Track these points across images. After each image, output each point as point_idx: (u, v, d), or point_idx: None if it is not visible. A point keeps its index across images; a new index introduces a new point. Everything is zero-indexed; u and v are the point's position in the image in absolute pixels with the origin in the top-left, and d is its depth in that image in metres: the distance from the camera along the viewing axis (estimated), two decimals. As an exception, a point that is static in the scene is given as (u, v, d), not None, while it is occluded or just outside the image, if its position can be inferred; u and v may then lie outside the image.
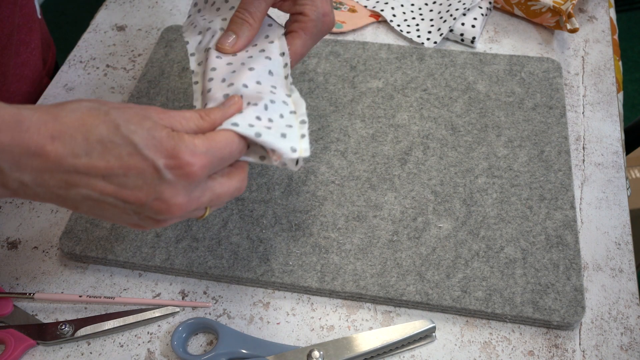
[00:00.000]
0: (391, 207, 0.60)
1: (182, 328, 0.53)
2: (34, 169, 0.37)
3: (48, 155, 0.36)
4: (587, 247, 0.59)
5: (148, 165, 0.38)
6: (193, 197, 0.40)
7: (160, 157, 0.38)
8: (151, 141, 0.38)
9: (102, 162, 0.37)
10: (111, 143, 0.37)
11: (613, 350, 0.53)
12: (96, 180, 0.38)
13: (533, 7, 0.77)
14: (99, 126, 0.37)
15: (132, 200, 0.39)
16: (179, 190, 0.39)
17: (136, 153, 0.37)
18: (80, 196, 0.38)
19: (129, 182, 0.38)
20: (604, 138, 0.67)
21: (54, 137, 0.37)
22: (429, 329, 0.53)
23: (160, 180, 0.38)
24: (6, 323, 0.55)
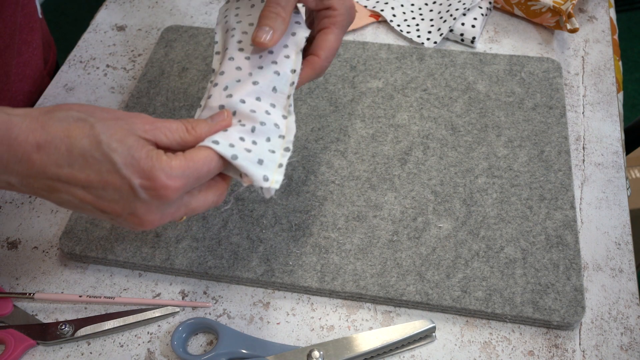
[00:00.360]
0: (391, 207, 0.60)
1: (182, 328, 0.53)
2: (19, 173, 0.39)
3: (33, 163, 0.39)
4: (587, 247, 0.59)
5: (124, 184, 0.40)
6: (166, 214, 0.42)
7: (137, 177, 0.39)
8: (130, 161, 0.39)
9: (82, 174, 0.40)
10: (92, 158, 0.39)
11: (613, 350, 0.53)
12: (76, 189, 0.40)
13: (533, 7, 0.77)
14: (82, 140, 0.39)
15: (108, 211, 0.41)
16: (152, 209, 0.41)
17: (114, 171, 0.39)
18: (62, 200, 0.41)
19: (106, 195, 0.40)
20: (604, 138, 0.67)
21: (40, 146, 0.39)
22: (429, 329, 0.53)
23: (135, 198, 0.40)
24: (6, 323, 0.55)
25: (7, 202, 0.64)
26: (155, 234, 0.59)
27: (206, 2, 0.84)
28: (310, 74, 0.51)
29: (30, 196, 0.65)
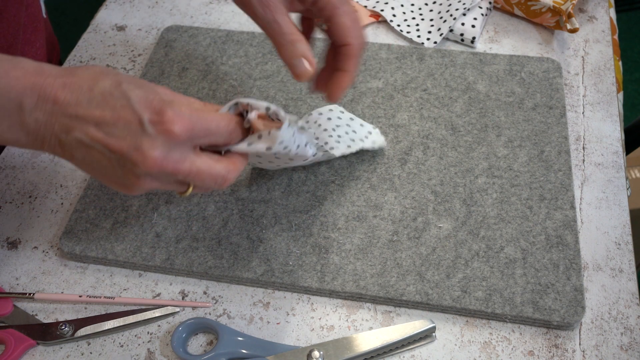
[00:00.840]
0: (391, 207, 0.60)
1: (182, 328, 0.53)
2: (46, 112, 0.42)
3: (57, 100, 0.41)
4: (587, 247, 0.59)
5: (134, 118, 0.41)
6: (170, 157, 0.42)
7: (147, 112, 0.41)
8: (143, 100, 0.42)
9: (97, 111, 0.41)
10: (110, 95, 0.42)
11: (613, 350, 0.53)
12: (89, 127, 0.42)
13: (533, 7, 0.77)
14: (105, 81, 0.42)
15: (115, 149, 0.42)
16: (157, 145, 0.41)
17: (128, 106, 0.41)
18: (75, 141, 0.42)
19: (115, 132, 0.41)
20: (604, 138, 0.67)
21: (65, 85, 0.42)
22: (429, 329, 0.53)
23: (142, 133, 0.41)
24: (6, 323, 0.55)
25: (7, 202, 0.64)
26: (155, 234, 0.59)
27: (206, 2, 0.84)
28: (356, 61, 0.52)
29: (30, 196, 0.65)
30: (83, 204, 0.62)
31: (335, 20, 0.51)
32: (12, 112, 0.41)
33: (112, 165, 0.43)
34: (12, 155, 0.69)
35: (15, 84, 0.41)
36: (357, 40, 0.52)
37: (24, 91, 0.41)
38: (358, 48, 0.52)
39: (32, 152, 0.69)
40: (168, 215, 0.61)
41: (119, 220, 0.60)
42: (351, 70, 0.52)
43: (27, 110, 0.41)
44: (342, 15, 0.51)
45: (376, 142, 0.62)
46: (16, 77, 0.41)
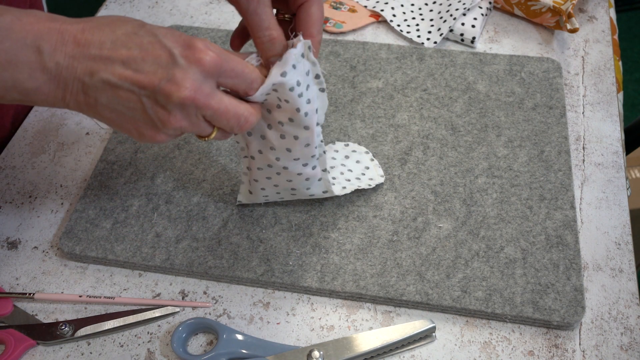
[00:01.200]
0: (391, 207, 0.60)
1: (182, 328, 0.53)
2: (67, 54, 0.41)
3: (78, 42, 0.41)
4: (587, 247, 0.59)
5: (164, 52, 0.41)
6: (202, 89, 0.42)
7: (177, 46, 0.42)
8: (171, 35, 0.42)
9: (123, 49, 0.41)
10: (135, 35, 0.42)
11: (613, 350, 0.53)
12: (116, 66, 0.41)
13: (533, 7, 0.77)
14: (127, 24, 0.42)
15: (145, 84, 0.41)
16: (190, 75, 0.42)
17: (156, 42, 0.42)
18: (101, 82, 0.42)
19: (145, 67, 0.41)
20: (604, 138, 0.67)
21: (85, 30, 0.42)
22: (429, 329, 0.53)
23: (174, 65, 0.41)
24: (6, 323, 0.55)
25: (7, 202, 0.64)
26: (155, 234, 0.59)
27: (206, 2, 0.84)
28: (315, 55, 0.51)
29: (30, 196, 0.65)
30: (83, 204, 0.62)
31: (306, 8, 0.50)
32: (31, 57, 0.41)
33: (140, 104, 0.42)
34: (12, 155, 0.69)
35: (30, 29, 0.40)
36: (319, 34, 0.51)
37: (40, 35, 0.40)
38: (318, 43, 0.51)
39: (32, 152, 0.69)
40: (168, 215, 0.61)
41: (119, 220, 0.60)
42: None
43: (46, 54, 0.41)
44: (314, 5, 0.50)
45: (373, 180, 0.61)
46: (30, 22, 0.40)
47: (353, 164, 0.62)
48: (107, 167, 0.65)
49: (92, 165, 0.67)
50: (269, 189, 0.57)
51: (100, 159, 0.66)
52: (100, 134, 0.70)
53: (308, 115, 0.48)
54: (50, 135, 0.70)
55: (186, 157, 0.65)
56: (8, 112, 0.70)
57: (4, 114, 0.70)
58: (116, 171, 0.64)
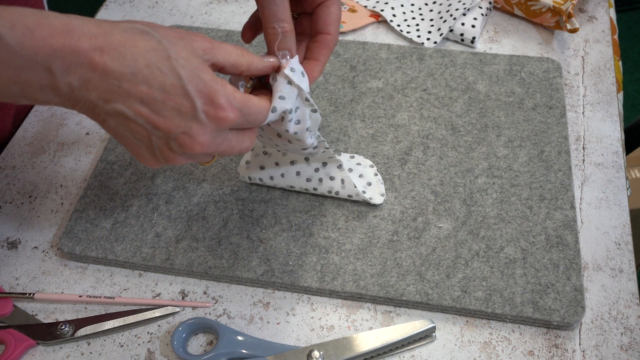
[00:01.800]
0: (391, 207, 0.60)
1: (182, 328, 0.53)
2: (81, 78, 0.38)
3: (96, 67, 0.38)
4: (587, 247, 0.59)
5: (187, 101, 0.40)
6: (214, 141, 0.43)
7: (200, 98, 0.40)
8: (195, 80, 0.40)
9: (144, 86, 0.39)
10: (158, 70, 0.39)
11: (613, 350, 0.53)
12: (134, 101, 0.40)
13: (533, 7, 0.77)
14: (149, 52, 0.39)
15: (161, 128, 0.41)
16: (207, 131, 0.42)
17: (180, 87, 0.40)
18: (114, 111, 0.40)
19: (164, 111, 0.40)
20: (604, 138, 0.67)
21: (104, 50, 0.38)
22: (429, 329, 0.53)
23: (193, 118, 0.41)
24: (6, 323, 0.55)
25: (7, 202, 0.64)
26: (155, 234, 0.59)
27: (206, 2, 0.84)
28: (328, 54, 0.52)
29: (30, 196, 0.65)
30: (83, 204, 0.62)
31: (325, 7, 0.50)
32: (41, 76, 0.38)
33: (148, 139, 0.42)
34: (12, 155, 0.69)
35: (43, 45, 0.37)
36: (336, 34, 0.51)
37: (53, 53, 0.37)
38: (334, 41, 0.52)
39: (32, 152, 0.69)
40: (168, 215, 0.61)
41: (119, 220, 0.60)
42: (323, 61, 0.52)
43: (57, 74, 0.38)
44: (334, 4, 0.51)
45: (373, 199, 0.60)
46: (42, 37, 0.37)
47: (356, 178, 0.62)
48: (107, 167, 0.65)
49: (92, 165, 0.67)
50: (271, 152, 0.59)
51: (100, 159, 0.66)
52: (100, 134, 0.70)
53: (298, 134, 0.50)
54: (50, 135, 0.70)
55: (186, 157, 0.65)
56: (9, 113, 0.70)
57: (4, 114, 0.70)
58: (116, 171, 0.64)
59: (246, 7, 0.83)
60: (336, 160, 0.58)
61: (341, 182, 0.59)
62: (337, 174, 0.59)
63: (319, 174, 0.59)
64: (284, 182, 0.60)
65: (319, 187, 0.59)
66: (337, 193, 0.59)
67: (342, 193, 0.59)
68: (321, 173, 0.59)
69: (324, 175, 0.59)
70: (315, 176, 0.59)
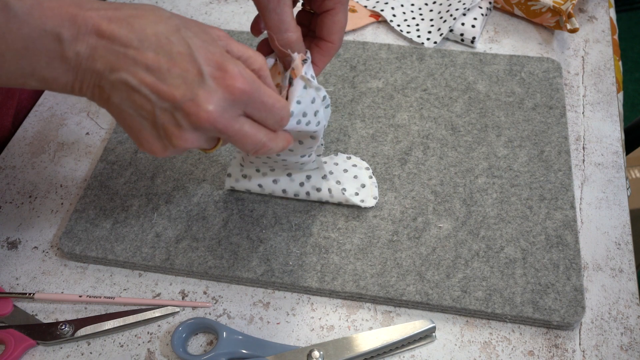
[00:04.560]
0: (391, 207, 0.60)
1: (182, 328, 0.53)
2: (89, 45, 0.38)
3: (103, 33, 0.38)
4: (587, 247, 0.59)
5: (193, 68, 0.39)
6: (224, 114, 0.40)
7: (208, 64, 0.39)
8: (204, 50, 0.39)
9: (151, 53, 0.38)
10: (166, 39, 0.39)
11: (613, 350, 0.53)
12: (139, 69, 0.39)
13: (533, 7, 0.77)
14: (158, 23, 0.39)
15: (166, 96, 0.39)
16: (214, 99, 0.39)
17: (187, 54, 0.39)
18: (119, 81, 0.39)
19: (169, 79, 0.39)
20: (604, 138, 0.67)
21: (112, 20, 0.38)
22: (429, 329, 0.53)
23: (200, 84, 0.39)
24: (6, 323, 0.55)
25: (7, 202, 0.64)
26: (155, 234, 0.59)
27: (206, 2, 0.84)
28: (328, 61, 0.51)
29: (30, 196, 0.65)
30: (83, 204, 0.62)
31: (333, 15, 0.50)
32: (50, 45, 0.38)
33: (152, 115, 0.40)
34: (12, 155, 0.69)
35: (51, 15, 0.37)
36: (339, 42, 0.51)
37: (61, 22, 0.37)
38: (336, 49, 0.51)
39: (32, 152, 0.69)
40: (168, 215, 0.61)
41: (119, 220, 0.60)
42: (321, 67, 0.51)
43: (66, 42, 0.38)
44: (341, 12, 0.50)
45: (365, 202, 0.59)
46: (51, 7, 0.37)
47: (350, 179, 0.61)
48: (107, 167, 0.65)
49: (92, 165, 0.67)
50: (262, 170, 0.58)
51: (100, 159, 0.66)
52: (100, 134, 0.70)
53: (317, 132, 0.49)
54: (50, 135, 0.70)
55: (186, 157, 0.65)
56: (8, 112, 0.70)
57: (4, 113, 0.70)
58: (116, 171, 0.64)
59: (246, 7, 0.84)
60: (321, 170, 0.58)
61: (328, 191, 0.59)
62: (322, 184, 0.59)
63: (305, 188, 0.59)
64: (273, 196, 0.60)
65: (309, 199, 0.60)
66: (327, 201, 0.60)
67: (332, 201, 0.60)
68: (307, 186, 0.59)
69: (310, 189, 0.59)
70: (302, 190, 0.59)
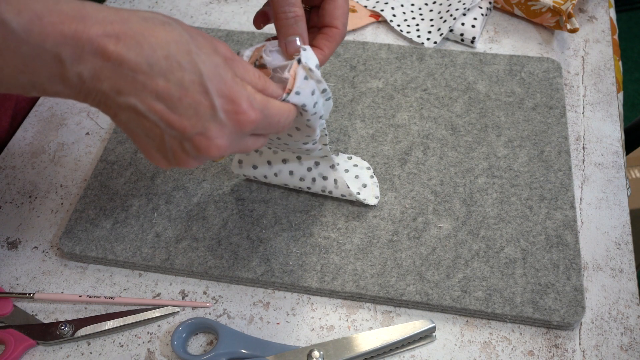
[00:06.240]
0: (391, 207, 0.60)
1: (182, 328, 0.53)
2: (93, 68, 0.36)
3: (109, 56, 0.35)
4: (587, 247, 0.59)
5: (205, 100, 0.38)
6: (232, 145, 0.40)
7: (220, 97, 0.38)
8: (216, 77, 0.38)
9: (161, 80, 0.37)
10: (177, 64, 0.37)
11: (613, 350, 0.53)
12: (148, 95, 0.37)
13: (533, 7, 0.77)
14: (170, 44, 0.37)
15: (176, 126, 0.38)
16: (225, 134, 0.39)
17: (199, 83, 0.37)
18: (127, 105, 0.37)
19: (180, 109, 0.37)
20: (604, 138, 0.67)
21: (119, 38, 0.35)
22: (429, 329, 0.53)
23: (212, 118, 0.38)
24: (6, 323, 0.55)
25: (7, 202, 0.64)
26: (155, 234, 0.59)
27: (206, 2, 0.84)
28: (334, 47, 0.50)
29: (30, 196, 0.65)
30: (83, 204, 0.62)
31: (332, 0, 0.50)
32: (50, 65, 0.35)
33: (161, 139, 0.39)
34: (12, 155, 0.69)
35: (52, 32, 0.34)
36: (344, 27, 0.50)
37: (63, 41, 0.34)
38: (342, 35, 0.50)
39: (32, 152, 0.69)
40: (168, 215, 0.61)
41: (119, 220, 0.60)
42: (327, 53, 0.50)
43: (67, 64, 0.35)
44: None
45: (366, 200, 0.59)
46: (52, 23, 0.34)
47: (352, 179, 0.61)
48: (107, 167, 0.65)
49: (92, 165, 0.67)
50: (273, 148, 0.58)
51: (100, 159, 0.66)
52: (100, 134, 0.70)
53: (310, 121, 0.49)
54: (50, 135, 0.70)
55: (186, 157, 0.65)
56: (6, 113, 0.70)
57: (1, 114, 0.70)
58: (116, 171, 0.64)
59: (246, 7, 0.84)
60: (329, 159, 0.58)
61: (334, 182, 0.59)
62: (330, 173, 0.59)
63: (312, 174, 0.59)
64: (278, 181, 0.60)
65: (313, 186, 0.59)
66: (330, 192, 0.59)
67: (335, 193, 0.59)
68: (314, 172, 0.59)
69: (316, 175, 0.59)
70: (308, 175, 0.59)
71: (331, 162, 0.58)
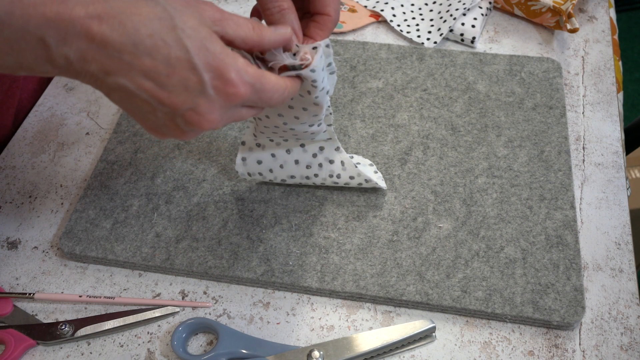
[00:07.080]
0: (391, 207, 0.60)
1: (182, 328, 0.53)
2: (78, 49, 0.36)
3: (94, 37, 0.35)
4: (587, 247, 0.59)
5: (194, 75, 0.37)
6: (224, 118, 0.40)
7: (209, 72, 0.37)
8: (203, 51, 0.37)
9: (147, 58, 0.36)
10: (162, 41, 0.36)
11: (613, 350, 0.53)
12: (136, 74, 0.37)
13: (533, 7, 0.77)
14: (153, 20, 0.36)
15: (166, 103, 0.38)
16: (215, 108, 0.39)
17: (186, 59, 0.37)
18: (117, 85, 0.37)
19: (169, 85, 0.37)
20: (604, 138, 0.67)
21: (102, 18, 0.35)
22: (429, 329, 0.53)
23: (201, 93, 0.38)
24: (6, 323, 0.55)
25: (7, 202, 0.64)
26: (155, 234, 0.59)
27: (206, 2, 0.84)
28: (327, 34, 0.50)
29: (30, 196, 0.65)
30: (83, 204, 0.62)
31: None
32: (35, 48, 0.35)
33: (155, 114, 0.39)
34: (12, 155, 0.69)
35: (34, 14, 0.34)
36: (336, 14, 0.50)
37: (45, 23, 0.34)
38: (334, 21, 0.50)
39: (32, 152, 0.69)
40: (168, 215, 0.61)
41: (119, 220, 0.60)
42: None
43: (52, 47, 0.35)
44: None
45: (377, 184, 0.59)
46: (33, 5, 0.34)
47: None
48: (107, 167, 0.65)
49: (92, 165, 0.67)
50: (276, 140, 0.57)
51: (100, 159, 0.66)
52: (100, 134, 0.70)
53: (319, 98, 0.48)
54: (50, 135, 0.70)
55: (186, 157, 0.65)
56: (9, 112, 0.70)
57: (4, 113, 0.70)
58: (116, 171, 0.64)
59: (246, 7, 0.83)
60: (334, 142, 0.57)
61: (341, 164, 0.58)
62: (335, 156, 0.58)
63: (318, 159, 0.58)
64: (284, 173, 0.59)
65: (320, 173, 0.59)
66: (338, 176, 0.59)
67: (343, 175, 0.59)
68: (320, 158, 0.58)
69: (322, 160, 0.58)
70: (314, 162, 0.58)
71: (336, 144, 0.58)
